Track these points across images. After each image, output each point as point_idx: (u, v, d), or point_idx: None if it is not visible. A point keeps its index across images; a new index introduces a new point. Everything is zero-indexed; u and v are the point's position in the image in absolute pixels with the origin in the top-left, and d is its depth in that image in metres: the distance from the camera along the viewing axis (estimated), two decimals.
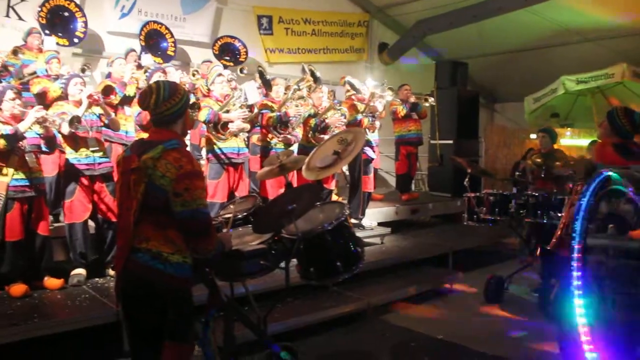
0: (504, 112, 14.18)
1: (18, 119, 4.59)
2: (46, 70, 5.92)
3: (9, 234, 4.50)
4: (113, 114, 5.33)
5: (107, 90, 5.17)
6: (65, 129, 4.77)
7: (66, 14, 7.10)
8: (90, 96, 4.94)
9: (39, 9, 6.90)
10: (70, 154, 4.98)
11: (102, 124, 5.18)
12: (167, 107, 2.68)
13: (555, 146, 6.69)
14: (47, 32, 6.83)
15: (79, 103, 5.01)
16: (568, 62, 10.59)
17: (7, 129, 4.38)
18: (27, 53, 6.13)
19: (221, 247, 2.82)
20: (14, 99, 4.54)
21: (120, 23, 8.38)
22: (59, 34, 6.85)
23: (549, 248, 4.66)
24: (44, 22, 6.77)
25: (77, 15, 7.22)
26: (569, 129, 10.86)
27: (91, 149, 5.00)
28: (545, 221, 5.65)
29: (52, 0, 6.97)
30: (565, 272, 4.41)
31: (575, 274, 3.41)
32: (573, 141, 10.41)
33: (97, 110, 5.13)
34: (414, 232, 8.37)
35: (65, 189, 5.04)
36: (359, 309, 5.56)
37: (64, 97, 5.39)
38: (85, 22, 7.27)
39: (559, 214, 5.36)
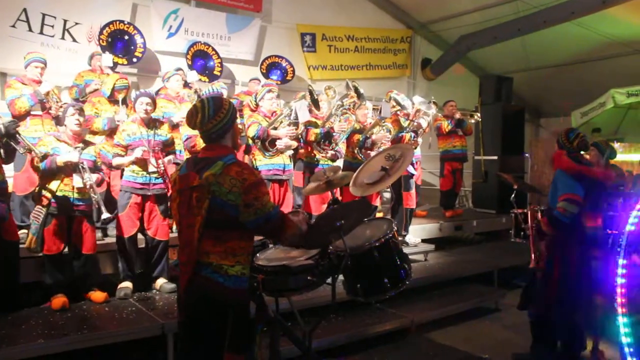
0: (549, 127, 13.89)
1: (79, 139, 4.84)
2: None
3: (46, 247, 4.64)
4: None
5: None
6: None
7: (126, 37, 7.36)
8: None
9: (100, 33, 7.16)
10: (127, 171, 5.13)
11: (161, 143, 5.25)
12: (214, 123, 2.74)
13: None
14: (107, 53, 7.10)
15: (143, 121, 5.17)
16: (617, 75, 10.33)
17: (44, 164, 4.54)
18: (89, 74, 6.36)
19: (301, 230, 2.86)
20: (73, 114, 4.76)
21: (168, 42, 8.59)
22: (119, 55, 7.09)
23: None
24: (104, 44, 7.02)
25: (135, 38, 7.49)
26: (619, 143, 10.53)
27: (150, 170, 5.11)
28: None
29: (112, 25, 7.23)
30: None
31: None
32: (624, 156, 10.10)
33: (160, 131, 5.27)
34: (458, 249, 8.29)
35: (118, 203, 5.19)
36: (402, 326, 5.50)
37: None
38: (144, 43, 7.52)
39: (609, 231, 5.22)
